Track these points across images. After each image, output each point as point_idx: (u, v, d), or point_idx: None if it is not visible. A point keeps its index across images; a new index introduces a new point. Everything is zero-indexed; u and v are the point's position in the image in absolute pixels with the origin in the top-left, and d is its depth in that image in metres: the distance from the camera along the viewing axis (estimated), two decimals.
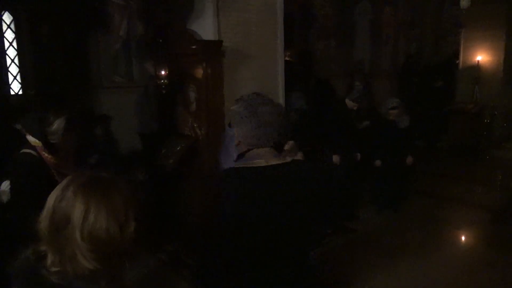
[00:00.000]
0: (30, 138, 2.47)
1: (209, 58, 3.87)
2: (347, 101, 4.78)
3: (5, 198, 2.34)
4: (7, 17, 5.13)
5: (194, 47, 3.92)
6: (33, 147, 2.44)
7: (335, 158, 4.68)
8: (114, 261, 1.20)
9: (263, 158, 1.65)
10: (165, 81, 4.06)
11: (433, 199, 5.51)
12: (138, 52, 5.40)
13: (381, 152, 4.89)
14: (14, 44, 5.20)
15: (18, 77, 5.30)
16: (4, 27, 5.13)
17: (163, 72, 4.04)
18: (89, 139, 4.81)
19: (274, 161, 1.65)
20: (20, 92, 5.31)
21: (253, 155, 1.67)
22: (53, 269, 1.17)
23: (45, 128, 2.46)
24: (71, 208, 1.15)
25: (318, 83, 6.80)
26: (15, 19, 5.14)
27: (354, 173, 4.78)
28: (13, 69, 5.27)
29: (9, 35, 5.16)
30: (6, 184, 2.44)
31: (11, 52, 5.20)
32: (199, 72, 3.99)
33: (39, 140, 2.44)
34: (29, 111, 4.30)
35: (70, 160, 2.67)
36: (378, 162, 4.89)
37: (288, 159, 1.71)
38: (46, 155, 2.45)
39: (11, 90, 5.28)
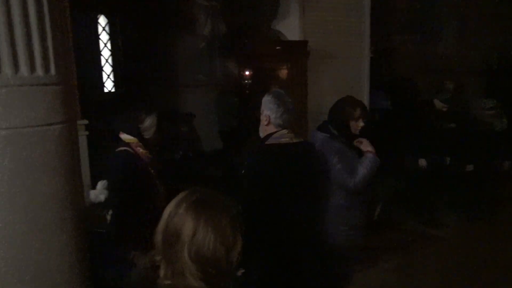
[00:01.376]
0: (124, 136, 2.56)
1: (293, 58, 3.86)
2: (436, 102, 4.52)
3: (103, 197, 2.47)
4: (102, 20, 5.49)
5: (278, 48, 3.93)
6: (127, 144, 2.53)
7: (421, 162, 4.45)
8: (220, 282, 1.21)
9: (288, 137, 2.22)
10: (249, 81, 4.11)
11: None
12: (221, 51, 5.51)
13: (474, 156, 4.56)
14: (108, 45, 5.57)
15: (111, 76, 5.68)
16: (100, 29, 5.51)
17: (247, 73, 4.10)
18: (175, 136, 5.00)
19: (296, 140, 2.25)
20: (113, 90, 5.68)
21: (280, 135, 2.23)
22: (166, 281, 1.21)
23: (138, 125, 2.57)
24: (182, 226, 1.18)
25: (400, 80, 6.50)
26: (110, 22, 5.49)
27: (443, 177, 4.51)
28: (107, 69, 5.64)
29: (104, 37, 5.53)
30: (102, 183, 2.56)
31: (106, 53, 5.58)
32: (283, 72, 4.00)
33: (134, 137, 2.54)
34: (120, 109, 4.59)
35: (155, 155, 2.80)
36: (469, 167, 4.56)
37: (302, 138, 2.37)
38: (141, 150, 2.54)
39: (104, 88, 5.67)
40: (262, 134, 2.28)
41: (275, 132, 2.22)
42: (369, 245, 3.95)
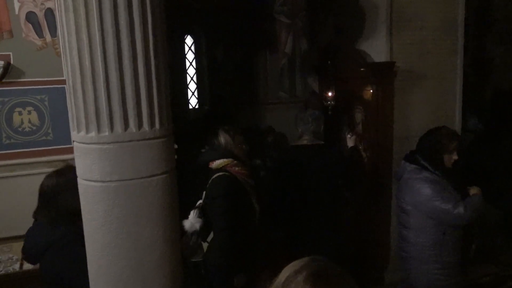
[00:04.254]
0: (216, 163, 2.56)
1: (379, 80, 3.72)
2: None
3: (198, 226, 2.53)
4: (189, 40, 5.75)
5: (363, 69, 3.81)
6: (221, 169, 2.55)
7: None
8: None
9: (306, 140, 3.17)
10: (332, 102, 4.03)
11: None
12: (302, 68, 5.50)
13: None
14: (194, 63, 5.82)
15: (196, 93, 5.92)
16: (186, 49, 5.77)
17: (330, 94, 4.02)
18: (259, 149, 5.02)
19: (313, 142, 3.17)
20: (197, 107, 5.92)
21: (301, 139, 3.21)
22: None
23: (221, 147, 2.61)
24: None
25: (496, 96, 5.99)
26: (195, 42, 5.74)
27: None
28: (192, 86, 5.89)
29: (190, 56, 5.79)
30: (195, 212, 2.59)
31: (191, 71, 5.83)
32: (368, 94, 3.87)
33: (226, 158, 2.55)
34: (204, 127, 4.74)
35: (250, 170, 2.81)
36: None
37: (320, 142, 3.23)
38: (237, 169, 2.55)
39: (189, 104, 5.93)
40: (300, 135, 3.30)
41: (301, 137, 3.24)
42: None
